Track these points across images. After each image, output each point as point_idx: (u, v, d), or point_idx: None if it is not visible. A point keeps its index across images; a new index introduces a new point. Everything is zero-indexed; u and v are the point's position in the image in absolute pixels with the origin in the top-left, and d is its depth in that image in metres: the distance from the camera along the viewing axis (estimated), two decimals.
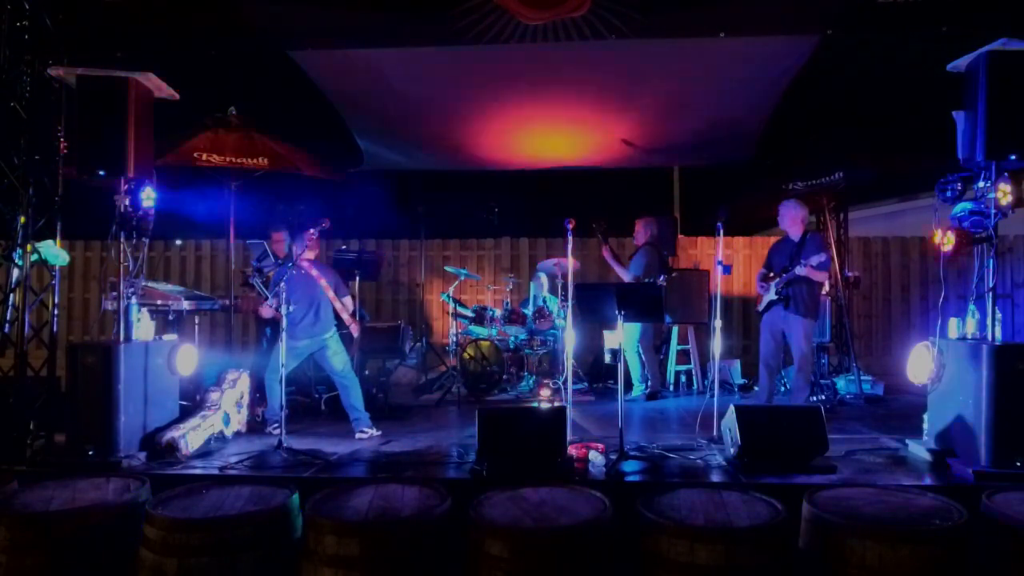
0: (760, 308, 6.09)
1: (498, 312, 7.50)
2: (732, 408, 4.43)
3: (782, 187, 8.24)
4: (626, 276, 7.15)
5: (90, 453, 4.42)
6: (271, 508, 3.55)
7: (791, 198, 6.12)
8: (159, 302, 5.40)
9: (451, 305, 7.65)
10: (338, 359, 5.60)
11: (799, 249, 5.88)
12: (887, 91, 6.89)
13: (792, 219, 6.04)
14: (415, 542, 3.35)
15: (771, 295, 5.90)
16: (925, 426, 4.75)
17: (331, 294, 5.60)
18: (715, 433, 5.01)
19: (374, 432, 5.40)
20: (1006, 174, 4.31)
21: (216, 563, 3.32)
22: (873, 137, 7.83)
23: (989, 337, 4.31)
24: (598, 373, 8.13)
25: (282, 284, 4.94)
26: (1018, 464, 4.01)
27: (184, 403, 5.18)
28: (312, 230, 5.05)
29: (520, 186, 10.08)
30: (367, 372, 6.93)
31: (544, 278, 8.02)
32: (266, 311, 5.59)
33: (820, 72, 6.39)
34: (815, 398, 6.78)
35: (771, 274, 6.02)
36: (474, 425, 4.33)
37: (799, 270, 5.65)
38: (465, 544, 3.38)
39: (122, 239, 4.74)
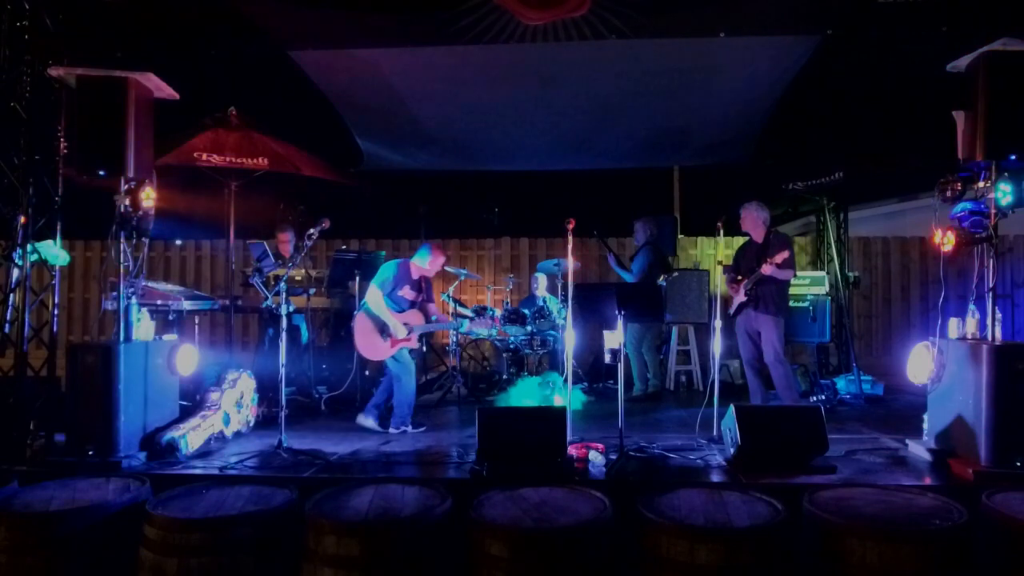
0: (732, 311, 6.14)
1: (498, 312, 7.50)
2: (732, 408, 4.43)
3: (782, 187, 8.25)
4: (629, 280, 7.15)
5: (90, 453, 4.41)
6: (271, 508, 3.55)
7: (750, 202, 6.13)
8: (159, 302, 5.40)
9: (451, 305, 7.65)
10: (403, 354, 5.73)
11: (763, 250, 5.93)
12: (887, 91, 6.89)
13: (753, 222, 6.07)
14: (415, 542, 3.34)
15: (740, 297, 5.97)
16: (925, 426, 4.75)
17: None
18: (715, 433, 5.02)
19: (405, 428, 5.55)
20: (1006, 174, 4.31)
21: (216, 563, 3.32)
22: (873, 137, 7.83)
23: (989, 337, 4.30)
24: (598, 373, 8.13)
25: (282, 284, 4.95)
26: (1018, 464, 4.01)
27: (184, 403, 5.18)
28: (312, 230, 5.05)
29: (520, 186, 10.08)
30: (367, 372, 6.93)
31: (543, 278, 8.02)
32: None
33: (820, 72, 6.39)
34: (814, 398, 6.78)
35: (739, 276, 6.06)
36: (474, 425, 4.33)
37: (764, 269, 5.71)
38: (465, 544, 3.38)
39: (122, 239, 4.74)
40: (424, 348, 8.37)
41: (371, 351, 5.70)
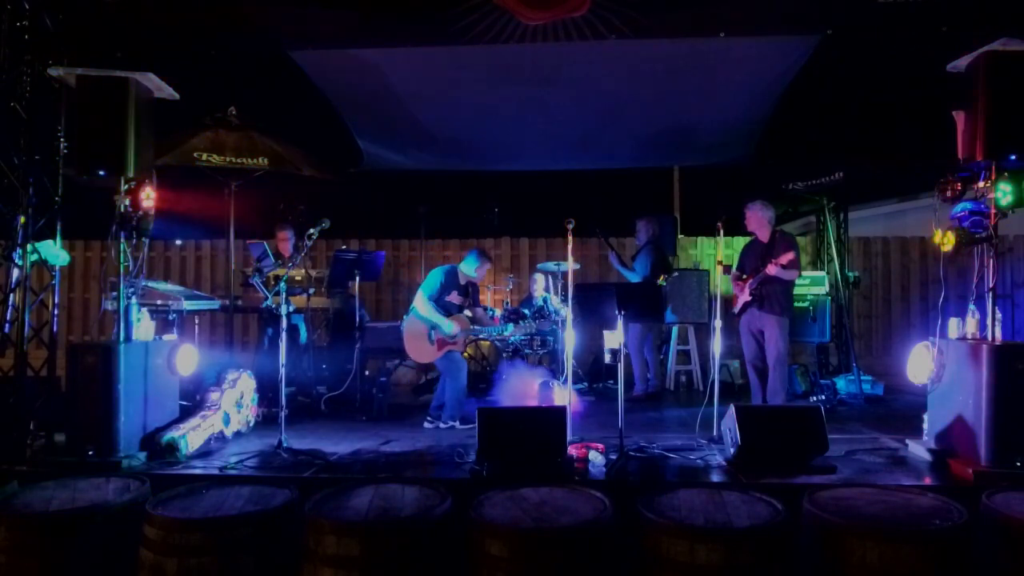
0: (736, 311, 6.13)
1: (498, 312, 7.50)
2: (732, 408, 4.43)
3: (782, 187, 8.25)
4: (633, 279, 7.15)
5: (90, 453, 4.41)
6: (271, 508, 3.55)
7: (755, 201, 6.13)
8: (159, 302, 5.40)
9: None
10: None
11: (768, 249, 5.93)
12: (887, 91, 6.89)
13: (758, 221, 6.09)
14: (415, 542, 3.34)
15: (745, 296, 5.97)
16: (925, 426, 4.75)
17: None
18: (715, 433, 5.01)
19: (453, 424, 5.69)
20: (1006, 174, 4.31)
21: (216, 563, 3.32)
22: (873, 137, 7.83)
23: (989, 337, 4.30)
24: (598, 373, 8.13)
25: (282, 284, 4.96)
26: (1018, 464, 4.01)
27: (184, 403, 5.18)
28: (312, 230, 5.06)
29: (520, 186, 10.08)
30: (367, 372, 6.93)
31: (542, 278, 8.02)
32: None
33: (820, 72, 6.39)
34: (814, 398, 6.78)
35: (744, 276, 6.07)
36: (474, 425, 4.33)
37: (769, 270, 5.72)
38: (465, 544, 3.38)
39: (122, 239, 4.74)
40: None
41: (418, 354, 5.92)
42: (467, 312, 6.07)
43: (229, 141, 6.59)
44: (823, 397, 6.72)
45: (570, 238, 5.16)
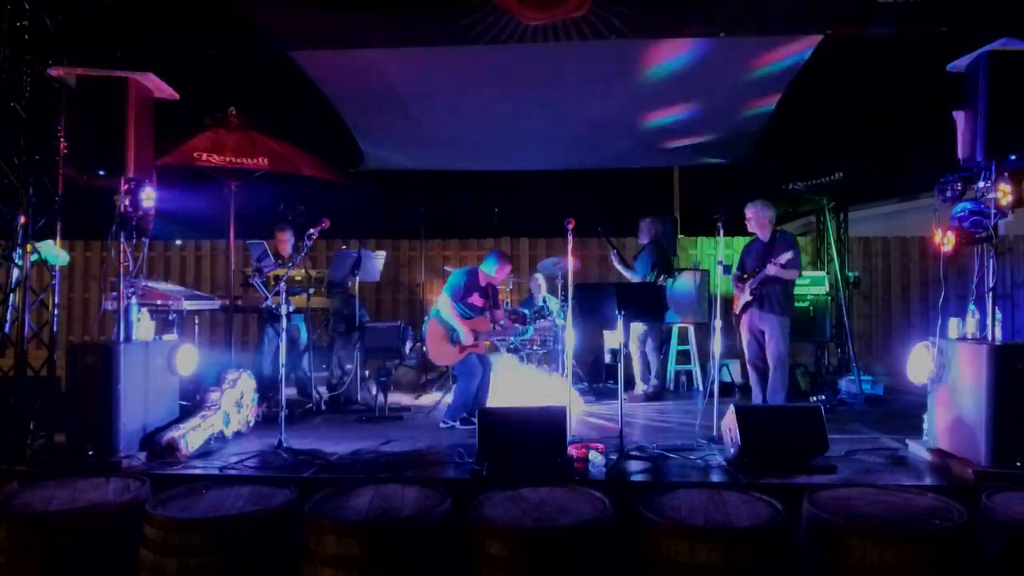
0: (737, 310, 6.13)
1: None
2: (732, 408, 4.43)
3: (782, 187, 8.26)
4: (634, 279, 7.15)
5: (90, 453, 4.41)
6: (271, 508, 3.55)
7: (756, 200, 6.12)
8: (159, 302, 5.40)
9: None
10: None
11: (769, 249, 5.92)
12: (887, 91, 6.89)
13: (759, 221, 6.08)
14: (415, 542, 3.34)
15: (745, 296, 5.96)
16: (925, 426, 4.75)
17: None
18: (715, 433, 5.01)
19: (454, 424, 5.73)
20: (1006, 174, 4.31)
21: (216, 563, 3.32)
22: (873, 137, 7.83)
23: (989, 337, 4.31)
24: (598, 373, 8.13)
25: (282, 284, 4.96)
26: (1018, 464, 4.01)
27: (184, 403, 5.18)
28: (312, 230, 5.07)
29: (520, 186, 10.08)
30: (367, 372, 6.93)
31: (541, 278, 8.02)
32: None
33: (820, 72, 6.39)
34: (814, 398, 6.78)
35: (745, 275, 6.06)
36: (474, 425, 4.33)
37: (769, 270, 5.71)
38: (465, 544, 3.38)
39: (122, 239, 4.74)
40: (424, 348, 8.38)
41: (440, 356, 5.97)
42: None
43: (229, 141, 6.59)
44: (823, 397, 6.72)
45: (570, 238, 5.16)
